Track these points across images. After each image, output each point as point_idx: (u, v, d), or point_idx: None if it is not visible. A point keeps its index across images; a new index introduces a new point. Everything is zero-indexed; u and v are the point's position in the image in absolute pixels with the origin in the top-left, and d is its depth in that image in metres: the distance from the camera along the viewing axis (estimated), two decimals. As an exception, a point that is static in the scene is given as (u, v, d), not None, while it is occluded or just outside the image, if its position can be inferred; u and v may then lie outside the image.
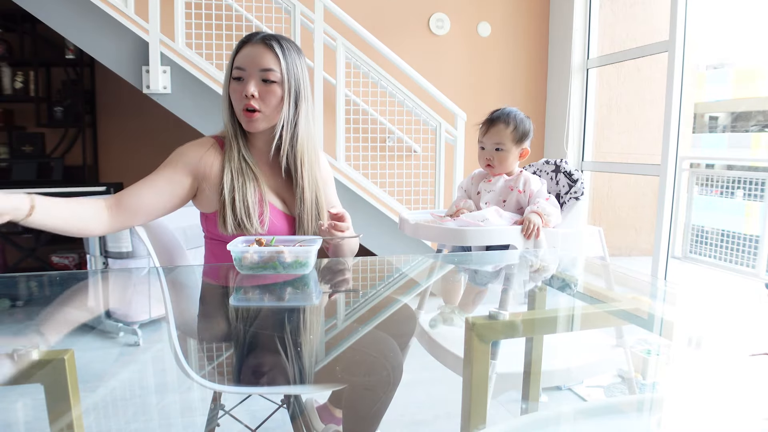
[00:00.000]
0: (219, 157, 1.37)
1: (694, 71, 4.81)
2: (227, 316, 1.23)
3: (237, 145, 1.37)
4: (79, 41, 2.97)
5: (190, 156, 1.35)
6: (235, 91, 1.33)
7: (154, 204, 1.31)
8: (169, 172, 1.33)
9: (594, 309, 1.15)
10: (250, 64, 1.31)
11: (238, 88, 1.32)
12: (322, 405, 1.69)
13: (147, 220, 1.33)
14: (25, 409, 1.73)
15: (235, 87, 1.33)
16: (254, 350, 1.18)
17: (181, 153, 1.36)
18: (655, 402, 0.97)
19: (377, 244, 3.27)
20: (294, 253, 1.15)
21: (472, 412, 0.86)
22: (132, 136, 4.18)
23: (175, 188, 1.33)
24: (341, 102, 3.19)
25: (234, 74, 1.32)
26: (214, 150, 1.38)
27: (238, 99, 1.33)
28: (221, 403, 1.48)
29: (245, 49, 1.33)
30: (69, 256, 3.98)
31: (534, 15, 4.03)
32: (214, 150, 1.38)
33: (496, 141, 1.60)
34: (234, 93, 1.33)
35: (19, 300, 1.18)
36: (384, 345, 1.27)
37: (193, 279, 1.42)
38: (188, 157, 1.35)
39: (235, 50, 1.35)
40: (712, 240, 4.35)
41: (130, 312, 2.85)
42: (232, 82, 1.33)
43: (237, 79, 1.32)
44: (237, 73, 1.32)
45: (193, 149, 1.37)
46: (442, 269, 1.62)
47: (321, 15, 3.09)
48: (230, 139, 1.38)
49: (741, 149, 6.73)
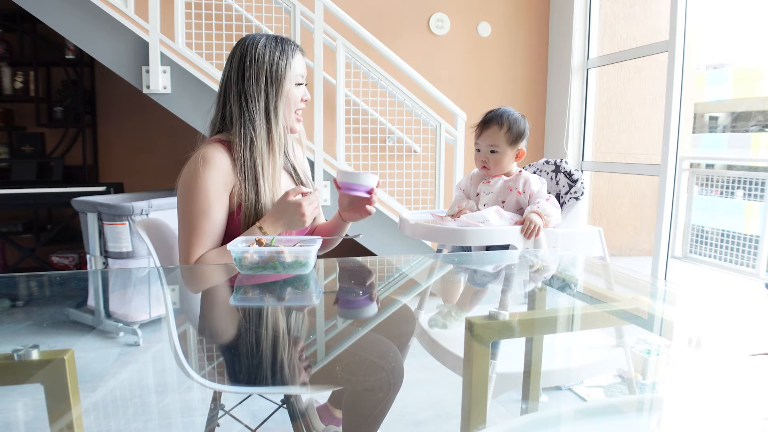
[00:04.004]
0: (232, 161, 1.37)
1: (694, 71, 4.81)
2: (227, 315, 1.23)
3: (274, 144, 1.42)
4: (79, 41, 2.97)
5: (228, 172, 1.36)
6: (296, 95, 1.43)
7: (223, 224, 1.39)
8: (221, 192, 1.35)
9: (594, 309, 1.15)
10: (305, 72, 1.45)
11: (299, 93, 1.44)
12: (322, 405, 1.69)
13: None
14: (25, 409, 1.73)
15: (297, 92, 1.43)
16: (254, 350, 1.18)
17: (219, 171, 1.35)
18: (655, 402, 0.97)
19: (377, 244, 3.27)
20: (294, 253, 1.15)
21: (472, 412, 0.86)
22: (132, 136, 4.18)
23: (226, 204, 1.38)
24: (341, 102, 3.19)
25: (298, 81, 1.43)
26: (229, 156, 1.38)
27: (296, 103, 1.43)
28: (221, 403, 1.48)
29: (299, 57, 1.43)
30: (69, 256, 3.98)
31: (534, 15, 4.03)
32: (229, 156, 1.38)
33: (490, 143, 1.59)
34: (295, 97, 1.43)
35: (19, 300, 1.18)
36: (384, 346, 1.27)
37: (194, 279, 1.42)
38: (227, 176, 1.36)
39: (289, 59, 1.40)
40: (712, 240, 4.35)
41: (130, 312, 2.85)
42: (294, 87, 1.42)
43: (298, 85, 1.43)
44: (299, 80, 1.43)
45: (225, 164, 1.36)
46: (442, 269, 1.62)
47: (321, 15, 3.09)
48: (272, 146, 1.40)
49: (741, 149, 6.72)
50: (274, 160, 1.40)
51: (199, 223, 1.33)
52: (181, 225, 1.36)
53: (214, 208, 1.34)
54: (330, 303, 1.26)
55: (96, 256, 3.00)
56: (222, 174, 1.35)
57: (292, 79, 1.40)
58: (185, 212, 1.34)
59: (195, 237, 1.33)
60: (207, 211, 1.33)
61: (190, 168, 1.35)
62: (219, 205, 1.35)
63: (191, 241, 1.33)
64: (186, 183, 1.35)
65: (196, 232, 1.33)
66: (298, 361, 1.14)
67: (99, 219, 2.94)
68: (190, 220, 1.33)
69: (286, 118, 1.42)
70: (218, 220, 1.35)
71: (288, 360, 1.13)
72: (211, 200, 1.33)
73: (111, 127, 4.19)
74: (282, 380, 1.15)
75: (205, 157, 1.34)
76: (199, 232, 1.33)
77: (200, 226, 1.33)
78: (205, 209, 1.33)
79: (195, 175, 1.33)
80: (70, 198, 3.12)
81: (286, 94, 1.40)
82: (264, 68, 1.37)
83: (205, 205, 1.33)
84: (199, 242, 1.33)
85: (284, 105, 1.40)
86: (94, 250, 3.00)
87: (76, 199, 3.05)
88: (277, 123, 1.39)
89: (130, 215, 2.87)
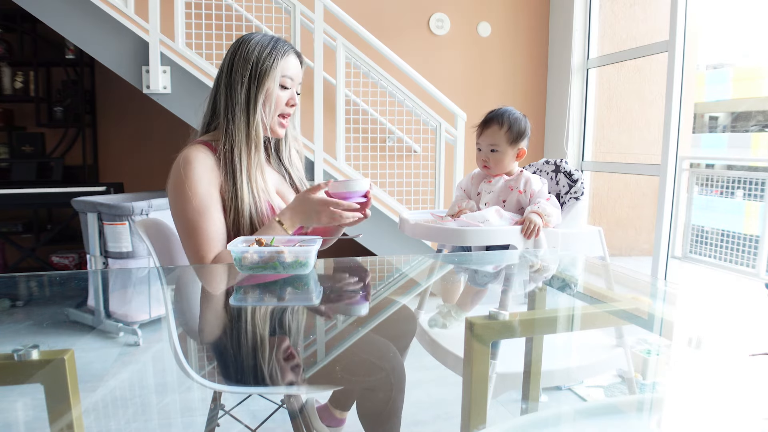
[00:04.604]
0: (215, 159, 1.37)
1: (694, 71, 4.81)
2: (227, 315, 1.23)
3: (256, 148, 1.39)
4: (79, 41, 2.97)
5: (212, 169, 1.35)
6: (281, 98, 1.39)
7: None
8: (212, 190, 1.34)
9: (594, 309, 1.15)
10: (295, 76, 1.42)
11: (284, 96, 1.40)
12: (323, 405, 1.70)
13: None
14: (25, 409, 1.73)
15: (281, 95, 1.40)
16: (254, 350, 1.18)
17: (204, 168, 1.34)
18: (655, 402, 0.97)
19: (377, 244, 3.27)
20: (294, 253, 1.15)
21: (472, 412, 0.86)
22: (132, 136, 4.18)
23: (220, 200, 1.36)
24: (341, 102, 3.19)
25: (283, 83, 1.39)
26: (212, 155, 1.38)
27: (280, 105, 1.40)
28: (221, 403, 1.48)
29: (291, 60, 1.40)
30: (69, 256, 3.98)
31: (534, 15, 4.03)
32: (212, 155, 1.38)
33: (490, 142, 1.60)
34: (280, 100, 1.39)
35: (19, 300, 1.18)
36: (383, 346, 1.28)
37: (194, 279, 1.42)
38: (212, 172, 1.35)
39: (278, 58, 1.37)
40: (712, 240, 4.34)
41: (130, 312, 2.85)
42: (278, 89, 1.39)
43: (284, 87, 1.40)
44: (286, 82, 1.40)
45: (208, 162, 1.35)
46: (442, 269, 1.62)
47: (321, 15, 3.09)
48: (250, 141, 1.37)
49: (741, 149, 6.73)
50: (250, 155, 1.37)
51: (199, 224, 1.31)
52: (182, 230, 1.34)
53: (210, 207, 1.32)
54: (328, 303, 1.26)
55: (96, 256, 3.00)
56: (207, 171, 1.33)
57: (277, 79, 1.38)
58: (181, 216, 1.32)
59: (200, 239, 1.31)
60: (203, 210, 1.31)
61: (176, 172, 1.33)
62: (214, 202, 1.33)
63: (198, 244, 1.31)
64: (174, 187, 1.33)
65: (199, 234, 1.31)
66: (297, 361, 1.14)
67: (99, 219, 2.94)
68: (189, 223, 1.31)
69: (266, 117, 1.39)
70: (218, 218, 1.33)
71: (288, 360, 1.13)
72: (203, 198, 1.32)
73: (111, 127, 4.19)
74: (282, 380, 1.15)
75: (187, 158, 1.33)
76: (202, 234, 1.31)
77: (201, 227, 1.31)
78: (201, 209, 1.31)
79: (181, 178, 1.32)
80: (70, 198, 3.12)
81: (268, 90, 1.37)
82: (251, 62, 1.36)
83: (199, 204, 1.31)
84: (206, 244, 1.31)
85: (266, 102, 1.38)
86: (94, 250, 3.00)
87: (76, 199, 3.05)
88: (255, 117, 1.37)
89: (130, 215, 2.87)
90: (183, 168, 1.32)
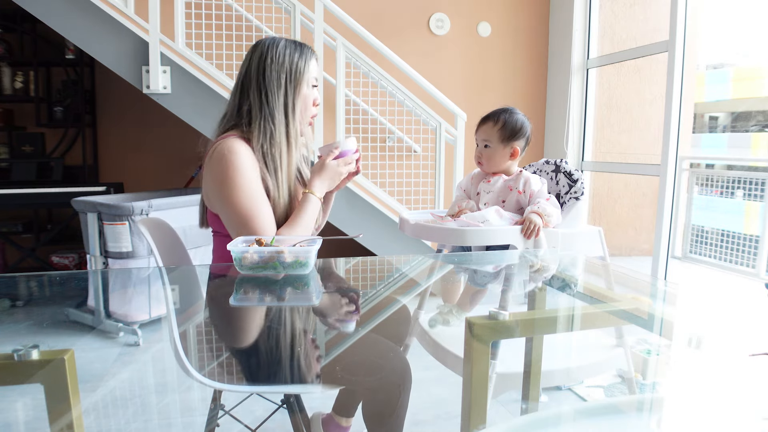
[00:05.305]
0: (252, 152, 1.40)
1: (694, 71, 4.81)
2: (227, 315, 1.23)
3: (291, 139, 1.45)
4: (79, 41, 2.97)
5: (254, 160, 1.38)
6: (311, 98, 1.47)
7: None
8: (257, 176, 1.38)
9: (594, 309, 1.15)
10: (319, 77, 1.50)
11: (313, 96, 1.48)
12: (327, 415, 1.69)
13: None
14: (25, 409, 1.73)
15: (311, 94, 1.47)
16: (254, 349, 1.18)
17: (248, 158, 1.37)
18: (655, 402, 0.97)
19: (377, 244, 3.27)
20: (294, 253, 1.15)
21: (472, 412, 0.86)
22: (132, 136, 4.17)
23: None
24: (341, 102, 3.19)
25: (313, 83, 1.47)
26: (249, 147, 1.40)
27: (311, 106, 1.48)
28: (221, 403, 1.48)
29: (315, 63, 1.48)
30: (69, 256, 3.98)
31: (534, 15, 4.03)
32: (249, 147, 1.40)
33: (483, 138, 1.62)
34: (311, 100, 1.47)
35: (19, 300, 1.18)
36: (384, 346, 1.28)
37: (194, 278, 1.42)
38: (255, 162, 1.38)
39: (306, 61, 1.44)
40: (712, 240, 4.34)
41: (130, 312, 2.85)
42: (312, 89, 1.46)
43: (315, 86, 1.48)
44: (315, 82, 1.48)
45: (250, 154, 1.38)
46: (442, 269, 1.62)
47: (321, 15, 3.09)
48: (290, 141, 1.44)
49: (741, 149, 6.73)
50: (290, 155, 1.43)
51: (255, 208, 1.33)
52: (235, 216, 1.33)
53: (262, 193, 1.36)
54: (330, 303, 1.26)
55: (96, 256, 3.00)
56: (251, 160, 1.37)
57: (309, 81, 1.45)
58: (234, 202, 1.32)
59: (258, 223, 1.33)
60: (258, 196, 1.34)
61: (221, 163, 1.33)
62: (262, 190, 1.37)
63: (256, 228, 1.33)
64: (221, 174, 1.33)
65: (257, 219, 1.33)
66: (297, 361, 1.14)
67: (99, 219, 2.94)
68: (244, 209, 1.32)
69: (302, 117, 1.46)
70: (268, 202, 1.38)
71: (288, 359, 1.13)
72: (255, 185, 1.35)
73: (111, 127, 4.19)
74: (282, 380, 1.15)
75: (231, 148, 1.35)
76: (260, 218, 1.33)
77: (259, 210, 1.33)
78: (255, 195, 1.34)
79: (228, 166, 1.33)
80: (70, 198, 3.12)
81: (303, 93, 1.44)
82: (285, 66, 1.41)
83: (253, 190, 1.34)
84: (269, 226, 1.34)
85: (301, 103, 1.44)
86: (94, 250, 3.00)
87: (76, 199, 3.05)
88: (294, 119, 1.43)
89: (130, 215, 2.87)
90: (229, 156, 1.33)
